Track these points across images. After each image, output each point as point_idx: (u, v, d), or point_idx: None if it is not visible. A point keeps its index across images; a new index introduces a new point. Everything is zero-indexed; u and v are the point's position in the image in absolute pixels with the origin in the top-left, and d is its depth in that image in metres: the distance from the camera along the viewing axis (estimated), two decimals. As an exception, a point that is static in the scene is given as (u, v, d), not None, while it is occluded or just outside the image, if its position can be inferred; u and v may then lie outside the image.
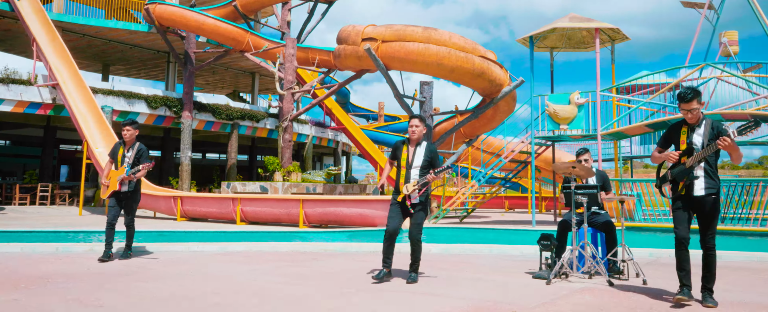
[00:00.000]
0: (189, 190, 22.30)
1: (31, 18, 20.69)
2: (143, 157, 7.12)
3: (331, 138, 31.71)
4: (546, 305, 4.55)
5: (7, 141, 30.11)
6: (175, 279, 5.63)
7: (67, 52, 20.01)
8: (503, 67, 16.65)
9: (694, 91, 4.63)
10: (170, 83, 25.73)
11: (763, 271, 6.53)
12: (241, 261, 7.05)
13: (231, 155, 25.05)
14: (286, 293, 4.98)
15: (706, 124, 4.70)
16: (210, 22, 21.12)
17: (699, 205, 4.70)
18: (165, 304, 4.46)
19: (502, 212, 22.82)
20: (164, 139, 26.52)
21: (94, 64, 28.78)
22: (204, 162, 39.18)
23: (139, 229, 11.70)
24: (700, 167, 4.70)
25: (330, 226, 13.23)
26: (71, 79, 19.47)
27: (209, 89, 35.55)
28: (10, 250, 7.45)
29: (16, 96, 19.26)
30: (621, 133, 13.69)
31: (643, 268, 6.56)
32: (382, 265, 5.69)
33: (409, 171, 5.76)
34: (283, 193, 17.26)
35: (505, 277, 6.00)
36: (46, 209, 19.17)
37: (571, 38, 15.04)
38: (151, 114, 22.11)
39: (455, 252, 8.31)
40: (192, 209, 15.21)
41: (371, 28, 16.40)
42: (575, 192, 5.82)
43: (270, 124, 26.84)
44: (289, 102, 20.15)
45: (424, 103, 18.23)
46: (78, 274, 5.81)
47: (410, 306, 4.49)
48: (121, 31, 23.17)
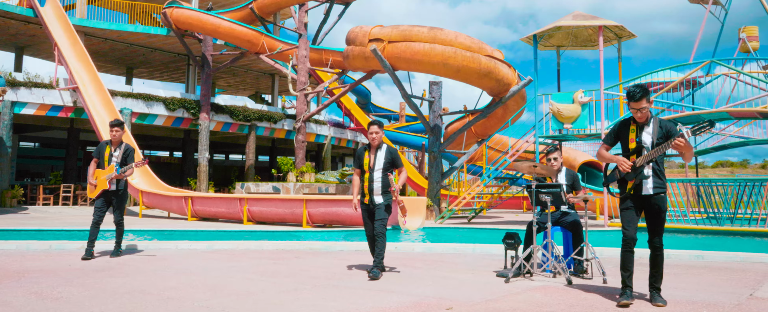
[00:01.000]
0: (207, 190, 22.71)
1: (53, 24, 21.36)
2: (130, 156, 7.31)
3: (351, 138, 31.88)
4: (489, 302, 4.57)
5: (36, 143, 31.11)
6: (146, 275, 5.81)
7: (87, 56, 20.60)
8: (511, 66, 16.57)
9: (643, 90, 4.61)
10: (190, 85, 26.25)
11: (738, 270, 6.42)
12: (223, 258, 7.21)
13: (249, 156, 25.42)
14: (241, 288, 5.11)
15: (655, 122, 4.67)
16: (225, 25, 21.52)
17: (648, 204, 4.67)
18: (119, 297, 4.62)
19: (517, 213, 22.68)
20: (184, 140, 27.05)
21: (118, 67, 29.52)
22: (227, 163, 39.81)
23: (151, 228, 12.04)
24: (649, 166, 4.67)
25: (333, 226, 13.37)
26: (91, 83, 20.04)
27: (231, 91, 36.13)
28: (7, 248, 7.76)
29: (39, 99, 19.92)
30: (626, 132, 13.49)
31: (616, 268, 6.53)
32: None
33: (372, 174, 5.95)
34: (294, 193, 17.46)
35: (472, 275, 6.03)
36: (68, 209, 19.77)
37: (577, 36, 14.89)
38: (170, 116, 22.60)
39: (438, 251, 8.33)
40: (202, 209, 15.50)
41: (378, 28, 16.50)
42: (537, 191, 5.81)
43: (288, 125, 27.15)
44: (303, 103, 20.37)
45: (434, 103, 18.24)
46: (56, 270, 6.04)
47: (352, 301, 4.56)
48: (141, 34, 23.73)
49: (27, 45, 25.26)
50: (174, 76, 31.53)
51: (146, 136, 28.47)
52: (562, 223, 6.28)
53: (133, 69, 29.68)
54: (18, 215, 16.47)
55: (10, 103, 19.39)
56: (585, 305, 4.51)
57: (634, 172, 4.63)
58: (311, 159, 34.11)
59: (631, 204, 4.70)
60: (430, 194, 17.43)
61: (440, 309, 4.30)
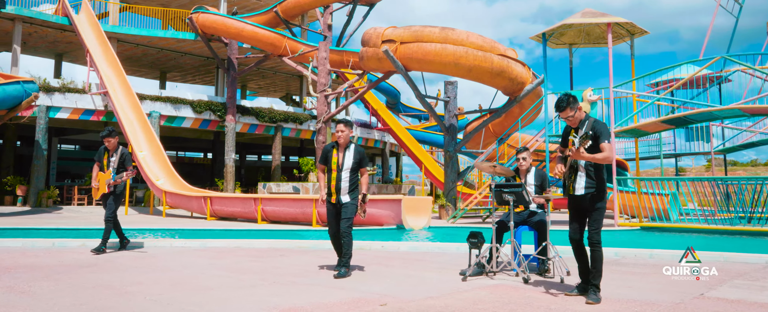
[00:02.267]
0: (233, 191, 23.28)
1: (86, 31, 22.28)
2: (127, 160, 7.69)
3: (378, 139, 32.09)
4: (427, 299, 4.68)
5: (76, 146, 32.43)
6: (123, 271, 6.13)
7: (117, 62, 21.41)
8: (525, 65, 16.47)
9: (567, 100, 4.71)
10: (219, 88, 26.91)
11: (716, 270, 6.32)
12: (209, 256, 7.50)
13: (275, 157, 25.91)
14: (202, 284, 5.35)
15: (588, 125, 4.75)
16: (248, 29, 22.00)
17: (579, 203, 4.76)
18: (81, 291, 4.93)
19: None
20: (214, 142, 27.75)
21: (152, 71, 30.52)
22: (259, 163, 40.58)
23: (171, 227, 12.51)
24: (581, 167, 4.76)
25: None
26: (120, 87, 20.83)
27: (262, 93, 36.85)
28: (12, 245, 8.25)
29: (73, 104, 20.80)
30: (637, 130, 13.29)
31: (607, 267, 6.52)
32: (337, 262, 6.09)
33: (340, 173, 6.01)
34: (313, 193, 17.77)
35: (437, 273, 6.13)
36: (100, 209, 20.58)
37: (589, 34, 14.72)
38: (197, 118, 23.26)
39: (422, 250, 8.43)
40: (220, 209, 15.96)
41: (391, 30, 16.66)
42: (500, 190, 5.86)
43: (313, 125, 27.54)
44: (323, 104, 20.67)
45: (449, 103, 18.28)
46: (44, 266, 6.42)
47: (297, 297, 4.74)
48: (170, 39, 24.50)
49: (65, 52, 26.39)
50: (206, 79, 32.39)
51: (176, 138, 29.33)
52: (529, 222, 6.32)
53: (167, 73, 30.62)
54: (51, 214, 17.29)
55: (45, 108, 20.33)
56: (521, 302, 4.58)
57: (564, 176, 4.78)
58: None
59: (570, 203, 4.82)
60: (446, 193, 17.48)
61: (375, 305, 4.44)
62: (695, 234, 11.92)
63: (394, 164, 37.39)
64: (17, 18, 21.57)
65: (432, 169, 27.87)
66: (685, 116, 12.56)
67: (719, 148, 18.10)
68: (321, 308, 4.33)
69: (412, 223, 12.61)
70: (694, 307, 4.46)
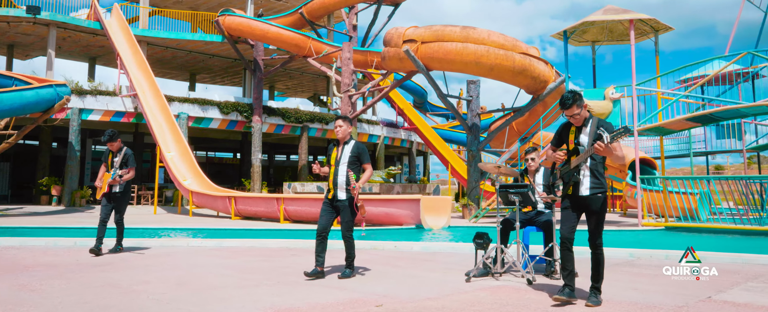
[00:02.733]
0: (260, 190, 23.56)
1: (117, 34, 22.83)
2: (130, 160, 7.84)
3: (405, 138, 32.09)
4: (424, 300, 4.68)
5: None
6: (134, 270, 6.28)
7: (146, 65, 21.88)
8: (548, 63, 16.26)
9: (573, 97, 4.61)
10: (247, 89, 27.25)
11: (729, 272, 6.15)
12: (221, 256, 7.62)
13: (301, 156, 26.13)
14: (207, 284, 5.45)
15: (593, 123, 4.65)
16: (273, 30, 22.25)
17: (585, 204, 4.66)
18: (88, 290, 5.07)
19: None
20: (242, 142, 28.12)
21: (182, 73, 31.08)
22: (287, 163, 40.97)
23: (194, 226, 12.76)
24: (586, 167, 4.66)
25: (362, 224, 13.63)
26: (149, 89, 21.28)
27: (290, 93, 37.18)
28: (36, 244, 8.53)
29: (104, 106, 21.34)
30: (662, 128, 13.01)
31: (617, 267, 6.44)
32: (315, 263, 5.85)
33: (338, 167, 6.00)
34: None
35: (442, 274, 6.11)
36: (130, 208, 21.00)
37: (612, 31, 14.47)
38: (224, 119, 23.61)
39: (434, 250, 8.41)
40: (244, 209, 16.17)
41: (412, 29, 16.63)
42: (505, 191, 5.81)
43: (339, 125, 27.65)
44: (347, 104, 20.77)
45: (471, 102, 18.18)
46: (61, 265, 6.62)
47: (296, 297, 4.79)
48: (198, 42, 24.93)
49: (98, 55, 27.07)
50: (234, 81, 32.85)
51: (206, 139, 29.80)
52: (537, 222, 6.25)
53: (196, 75, 31.15)
54: (83, 214, 17.76)
55: (78, 110, 20.89)
56: (518, 305, 4.54)
57: (568, 175, 4.67)
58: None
59: (569, 204, 4.72)
60: (469, 192, 17.39)
61: (371, 306, 4.46)
62: (724, 234, 11.62)
63: (422, 164, 37.35)
64: (52, 23, 22.22)
65: (458, 168, 27.74)
66: (711, 114, 12.24)
67: (752, 146, 17.60)
68: (317, 308, 4.38)
69: (432, 223, 12.59)
70: (696, 310, 4.36)
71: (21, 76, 18.52)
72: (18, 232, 10.20)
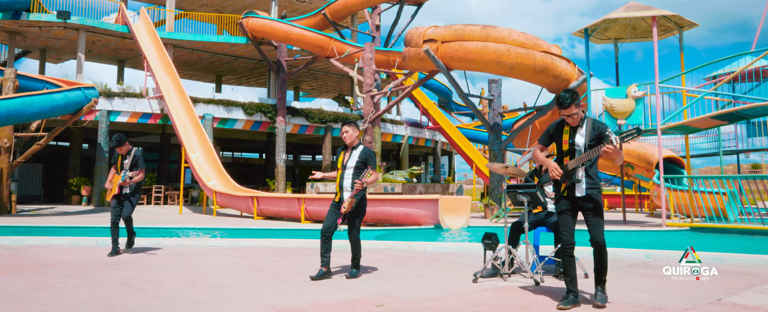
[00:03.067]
0: (284, 191, 23.76)
1: (143, 38, 23.28)
2: (139, 162, 7.98)
3: (429, 138, 32.03)
4: (426, 301, 4.67)
5: (139, 147, 33.98)
6: (146, 269, 6.40)
7: (172, 67, 22.26)
8: (571, 61, 16.07)
9: (571, 96, 4.56)
10: (272, 90, 27.52)
11: (745, 274, 6.01)
12: (235, 255, 7.72)
13: (325, 157, 26.27)
14: (215, 283, 5.53)
15: (588, 123, 4.60)
16: (296, 32, 22.43)
17: (582, 204, 4.60)
18: (99, 288, 5.19)
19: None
20: (267, 143, 28.40)
21: (209, 75, 31.53)
22: (312, 164, 41.20)
23: (215, 226, 12.95)
24: (581, 168, 4.61)
25: (382, 224, 13.66)
26: (175, 91, 21.65)
27: (315, 93, 37.41)
28: (59, 243, 8.77)
29: (131, 108, 21.78)
30: (686, 127, 12.73)
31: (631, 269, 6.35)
32: (320, 263, 5.90)
33: (344, 171, 6.07)
34: (359, 192, 17.92)
35: (451, 275, 6.09)
36: (157, 208, 21.47)
37: (635, 28, 14.20)
38: (248, 120, 23.88)
39: (448, 250, 8.39)
40: (266, 209, 16.33)
41: (432, 29, 16.60)
42: (514, 191, 5.77)
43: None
44: (369, 104, 20.82)
45: (493, 101, 18.06)
46: (79, 263, 6.79)
47: (299, 296, 4.83)
48: (223, 44, 25.26)
49: (126, 58, 27.63)
50: (259, 82, 33.19)
51: (232, 140, 30.17)
52: (547, 223, 6.19)
53: (222, 76, 31.57)
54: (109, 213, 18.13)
55: (106, 112, 21.36)
56: (520, 306, 4.50)
57: (565, 176, 4.61)
58: (391, 159, 34.63)
59: (566, 206, 4.66)
60: (490, 192, 17.28)
61: (372, 306, 4.48)
62: (753, 236, 11.33)
63: (447, 163, 37.22)
64: (81, 28, 22.75)
65: (483, 167, 27.58)
66: (737, 111, 11.94)
67: (785, 144, 17.09)
68: (318, 308, 4.41)
69: (450, 223, 12.54)
70: (702, 313, 4.27)
71: (51, 79, 19.02)
72: (43, 231, 10.49)
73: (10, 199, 17.38)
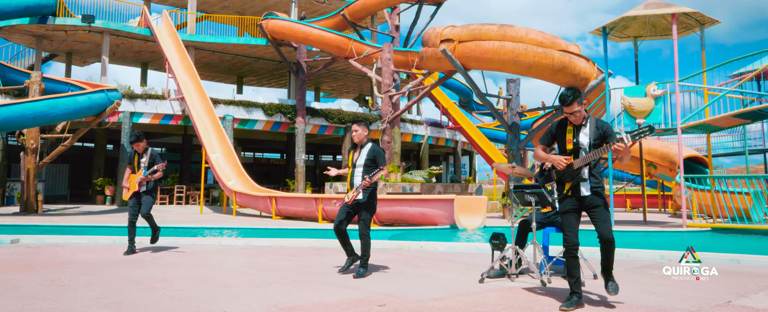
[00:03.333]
0: (304, 191, 23.90)
1: (165, 40, 23.63)
2: (157, 160, 8.09)
3: (449, 137, 31.94)
4: (428, 300, 4.67)
5: (162, 149, 34.45)
6: (159, 268, 6.51)
7: (193, 69, 22.56)
8: (590, 60, 15.89)
9: (573, 94, 4.52)
10: (292, 91, 27.70)
11: (761, 276, 5.89)
12: (247, 255, 7.80)
13: (344, 157, 26.36)
14: (224, 281, 5.60)
15: (592, 123, 4.56)
16: (315, 33, 22.55)
17: (588, 203, 4.56)
18: (110, 286, 5.30)
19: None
20: (287, 143, 28.61)
21: (230, 77, 31.87)
22: (333, 164, 41.38)
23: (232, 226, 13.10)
24: (586, 167, 4.58)
25: (399, 224, 13.66)
26: (196, 92, 21.93)
27: (335, 94, 37.56)
28: (78, 242, 8.96)
29: (153, 109, 22.13)
30: (707, 126, 12.52)
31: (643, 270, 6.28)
32: (346, 255, 6.26)
33: (354, 170, 6.17)
34: (378, 193, 17.94)
35: (459, 275, 6.08)
36: (178, 208, 21.79)
37: (655, 26, 14.01)
38: (268, 121, 24.08)
39: (460, 250, 8.37)
40: (284, 208, 16.46)
41: (449, 29, 16.56)
42: (521, 191, 5.74)
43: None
44: (387, 105, 20.85)
45: (511, 101, 17.95)
46: (93, 261, 6.94)
47: (302, 296, 4.87)
48: (244, 45, 25.52)
49: (149, 60, 28.07)
50: (280, 83, 33.45)
51: (254, 140, 30.44)
52: (556, 223, 6.15)
53: (243, 77, 31.88)
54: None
55: (129, 114, 21.73)
56: (523, 306, 4.49)
57: (570, 175, 4.57)
58: (412, 159, 34.62)
59: (571, 206, 4.61)
60: (508, 192, 17.17)
61: (374, 305, 4.50)
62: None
63: (468, 163, 37.07)
64: (105, 31, 23.18)
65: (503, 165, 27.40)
66: (760, 110, 11.70)
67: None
68: (320, 307, 4.44)
69: (466, 223, 12.51)
70: (709, 315, 4.21)
71: (75, 81, 19.41)
72: (64, 230, 10.72)
73: (36, 199, 17.78)
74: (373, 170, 6.07)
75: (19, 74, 19.36)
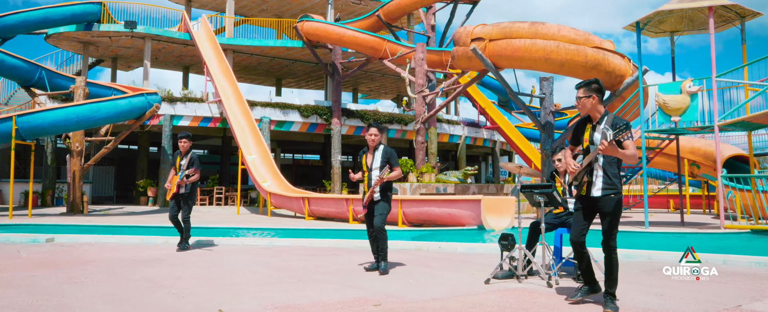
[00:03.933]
0: (340, 191, 24.07)
1: (204, 44, 24.20)
2: (195, 163, 8.32)
3: (487, 138, 31.64)
4: (427, 301, 4.64)
5: (205, 150, 35.33)
6: (176, 266, 6.68)
7: (230, 72, 23.03)
8: (625, 56, 15.50)
9: (587, 82, 4.44)
10: (328, 93, 27.94)
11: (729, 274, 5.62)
12: (265, 254, 7.90)
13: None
14: (233, 280, 5.71)
15: (608, 120, 4.39)
16: (349, 34, 22.71)
17: (597, 205, 4.43)
18: (123, 284, 5.48)
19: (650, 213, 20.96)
20: (324, 145, 28.88)
21: (269, 79, 32.39)
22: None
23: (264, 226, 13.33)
24: (598, 166, 4.44)
25: (427, 225, 13.62)
26: (233, 95, 22.38)
27: (373, 95, 37.69)
28: (108, 241, 9.27)
29: (192, 112, 22.69)
30: (747, 123, 12.03)
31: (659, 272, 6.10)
32: (374, 258, 6.43)
33: (371, 173, 6.26)
34: (411, 193, 17.93)
35: (467, 275, 6.02)
36: (217, 209, 22.26)
37: (693, 19, 13.54)
38: (304, 122, 24.36)
39: (478, 251, 8.28)
40: (317, 209, 16.62)
41: (480, 27, 16.41)
42: (530, 191, 5.65)
43: (418, 126, 27.70)
44: (421, 105, 20.81)
45: (545, 99, 17.65)
46: (115, 260, 7.16)
47: (303, 295, 4.92)
48: (281, 48, 25.90)
49: (190, 64, 28.78)
50: (318, 84, 33.79)
51: (292, 142, 30.83)
52: (568, 224, 6.03)
53: (281, 80, 32.35)
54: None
55: (169, 117, 22.34)
56: (522, 308, 4.42)
57: (575, 177, 4.50)
58: (449, 159, 34.43)
59: (581, 205, 4.53)
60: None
61: (370, 305, 4.51)
62: None
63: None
64: (147, 36, 23.91)
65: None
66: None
67: None
68: (316, 306, 4.48)
69: (494, 224, 12.37)
70: (712, 319, 4.06)
71: (117, 86, 20.08)
72: (99, 230, 11.12)
73: (82, 200, 18.47)
74: (389, 172, 6.16)
75: (66, 79, 20.13)
